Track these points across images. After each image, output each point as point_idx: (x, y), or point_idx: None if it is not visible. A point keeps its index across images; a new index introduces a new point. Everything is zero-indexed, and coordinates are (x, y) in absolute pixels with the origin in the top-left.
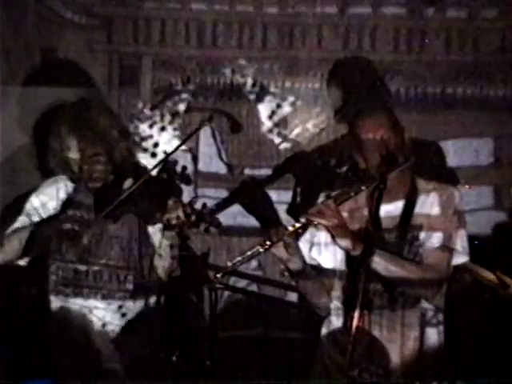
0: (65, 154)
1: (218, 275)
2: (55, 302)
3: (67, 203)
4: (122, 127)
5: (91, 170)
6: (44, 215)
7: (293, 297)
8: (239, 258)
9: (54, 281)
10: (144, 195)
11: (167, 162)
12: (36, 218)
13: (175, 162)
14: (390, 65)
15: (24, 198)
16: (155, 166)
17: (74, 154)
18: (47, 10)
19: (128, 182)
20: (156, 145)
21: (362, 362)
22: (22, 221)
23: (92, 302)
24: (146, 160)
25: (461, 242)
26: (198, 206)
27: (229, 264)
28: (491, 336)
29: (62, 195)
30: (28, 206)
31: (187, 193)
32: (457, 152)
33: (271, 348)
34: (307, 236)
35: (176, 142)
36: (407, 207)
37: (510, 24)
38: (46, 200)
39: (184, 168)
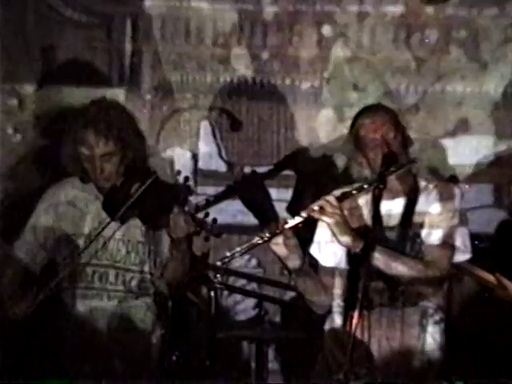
0: (78, 150)
1: (219, 263)
2: (65, 302)
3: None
4: (137, 129)
5: (102, 169)
6: (52, 217)
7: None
8: (238, 249)
9: (62, 281)
10: (150, 200)
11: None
12: (45, 220)
13: (178, 172)
14: (390, 63)
15: (24, 199)
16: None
17: (87, 150)
18: (47, 8)
19: (136, 186)
20: (156, 144)
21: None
22: (30, 225)
23: (98, 303)
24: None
25: (462, 240)
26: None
27: (227, 254)
28: (491, 335)
29: (70, 199)
30: (39, 207)
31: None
32: (457, 150)
33: (271, 348)
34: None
35: (175, 141)
36: (408, 205)
37: (509, 22)
38: (56, 203)
39: (186, 179)
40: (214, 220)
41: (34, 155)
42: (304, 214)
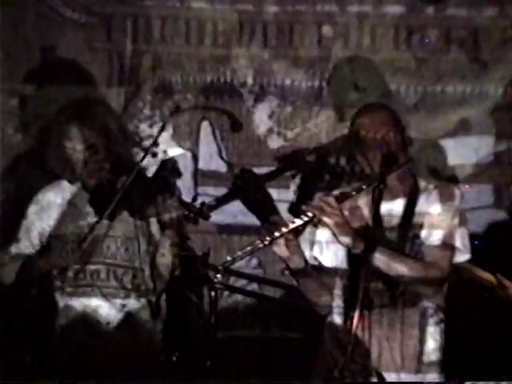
0: (63, 145)
1: (220, 267)
2: (59, 301)
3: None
4: (123, 127)
5: (87, 164)
6: (45, 220)
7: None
8: (239, 253)
9: (55, 279)
10: (135, 191)
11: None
12: (38, 223)
13: (165, 153)
14: (390, 63)
15: (24, 199)
16: (143, 157)
17: (71, 144)
18: (47, 9)
19: (121, 181)
20: (156, 145)
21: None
22: (24, 229)
23: (94, 301)
24: (145, 160)
25: (462, 240)
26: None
27: (228, 258)
28: (491, 335)
29: (61, 200)
30: (30, 210)
31: (187, 191)
32: (457, 150)
33: (271, 348)
34: (308, 235)
35: (176, 142)
36: (408, 205)
37: (509, 22)
38: (47, 205)
39: (174, 162)
40: (203, 203)
41: (34, 155)
42: (304, 217)
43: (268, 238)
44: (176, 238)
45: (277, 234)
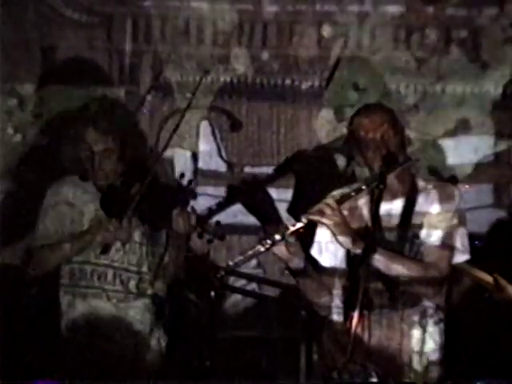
0: (78, 147)
1: (221, 272)
2: (63, 301)
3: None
4: (138, 129)
5: (101, 166)
6: (41, 219)
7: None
8: (240, 258)
9: (62, 280)
10: (150, 201)
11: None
12: (48, 219)
13: (182, 175)
14: (390, 63)
15: (26, 198)
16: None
17: (86, 146)
18: (47, 8)
19: (136, 187)
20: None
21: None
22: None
23: (98, 302)
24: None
25: (461, 240)
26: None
27: (230, 263)
28: (491, 335)
29: (72, 196)
30: (42, 208)
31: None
32: (457, 150)
33: (271, 348)
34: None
35: (175, 141)
36: (407, 206)
37: (509, 22)
38: (58, 201)
39: (190, 182)
40: (217, 222)
41: (34, 155)
42: (304, 219)
43: (269, 242)
44: (182, 243)
45: (278, 237)
